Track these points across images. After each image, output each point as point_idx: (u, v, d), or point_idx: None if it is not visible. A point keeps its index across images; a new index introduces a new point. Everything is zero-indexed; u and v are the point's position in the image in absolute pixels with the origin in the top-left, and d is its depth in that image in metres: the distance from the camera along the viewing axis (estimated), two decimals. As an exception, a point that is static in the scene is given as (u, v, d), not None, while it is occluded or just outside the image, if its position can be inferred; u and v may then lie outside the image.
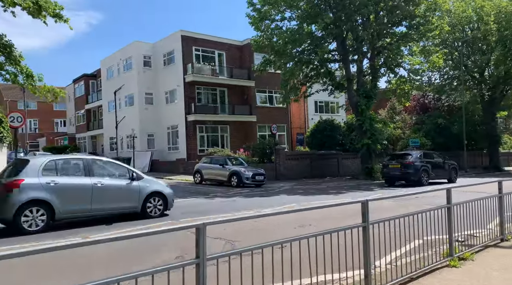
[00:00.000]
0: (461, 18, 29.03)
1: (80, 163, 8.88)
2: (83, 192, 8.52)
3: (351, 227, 4.19)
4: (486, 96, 31.60)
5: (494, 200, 6.68)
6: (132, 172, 9.51)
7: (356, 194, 14.79)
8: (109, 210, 9.03)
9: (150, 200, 9.51)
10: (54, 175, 8.29)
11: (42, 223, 7.88)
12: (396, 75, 24.68)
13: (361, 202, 4.33)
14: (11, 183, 7.83)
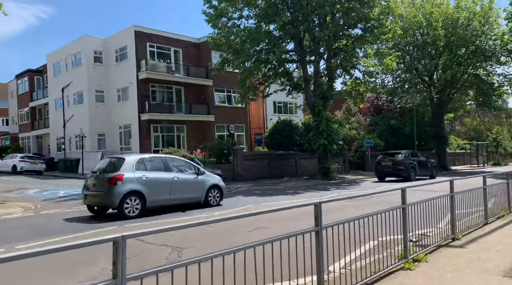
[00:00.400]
0: (412, 23, 30.21)
1: (161, 160, 10.78)
2: (165, 184, 10.29)
3: (303, 233, 3.83)
4: (435, 98, 33.15)
5: (446, 199, 6.67)
6: (197, 168, 11.39)
7: (313, 194, 14.69)
8: (183, 200, 10.81)
9: (210, 191, 11.37)
10: (144, 171, 10.02)
11: (137, 210, 9.63)
12: (351, 76, 25.16)
13: (314, 205, 3.99)
14: (115, 177, 9.45)
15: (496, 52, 29.76)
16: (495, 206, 8.91)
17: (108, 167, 10.21)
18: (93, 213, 10.21)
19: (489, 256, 5.55)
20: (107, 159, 11.01)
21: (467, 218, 7.48)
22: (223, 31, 21.31)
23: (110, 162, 10.47)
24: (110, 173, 9.74)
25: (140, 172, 9.90)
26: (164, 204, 10.42)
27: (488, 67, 31.51)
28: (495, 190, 8.93)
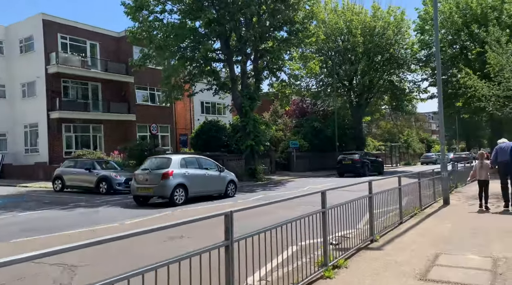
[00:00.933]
0: (334, 29, 31.55)
1: (195, 160, 13.54)
2: (200, 179, 12.82)
3: (209, 249, 3.23)
4: (354, 102, 35.06)
5: (365, 200, 6.59)
6: (219, 166, 14.19)
7: (238, 196, 14.24)
8: (211, 192, 13.43)
9: (228, 185, 14.00)
10: (185, 168, 12.41)
11: (182, 199, 11.96)
12: (277, 78, 25.39)
13: (225, 215, 3.42)
14: (167, 173, 11.71)
15: (407, 60, 32.39)
16: (408, 204, 9.23)
17: (158, 165, 12.46)
18: (138, 203, 12.48)
19: (405, 258, 5.50)
20: (154, 159, 13.39)
21: (385, 217, 7.58)
22: (144, 25, 19.97)
23: (159, 161, 12.88)
24: (162, 169, 12.00)
25: (184, 169, 12.38)
26: (199, 194, 12.87)
27: (401, 74, 34.23)
28: (408, 189, 9.26)
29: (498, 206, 9.97)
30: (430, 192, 11.27)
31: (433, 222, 8.38)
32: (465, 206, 10.54)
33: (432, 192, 11.37)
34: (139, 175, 12.33)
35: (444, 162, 11.11)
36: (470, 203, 10.89)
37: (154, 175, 11.94)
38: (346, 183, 7.24)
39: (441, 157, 11.32)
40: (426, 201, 10.63)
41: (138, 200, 12.55)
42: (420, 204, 9.90)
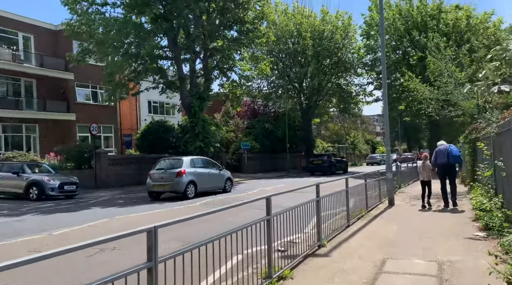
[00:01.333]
0: (284, 31, 31.75)
1: (200, 160, 15.84)
2: (206, 176, 15.02)
3: (126, 275, 2.66)
4: (304, 104, 35.53)
5: (312, 205, 6.32)
6: (219, 166, 16.47)
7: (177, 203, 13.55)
8: (214, 188, 15.51)
9: (226, 182, 16.14)
10: (194, 167, 14.61)
11: (193, 193, 14.13)
12: (228, 79, 24.95)
13: (147, 231, 2.87)
14: (181, 171, 13.94)
15: (354, 64, 33.44)
16: (355, 206, 9.19)
17: (171, 165, 14.51)
18: (152, 198, 14.39)
19: (352, 265, 5.27)
20: (167, 160, 15.39)
21: (333, 219, 7.40)
22: (83, 17, 18.55)
23: (171, 162, 14.97)
24: (176, 169, 14.07)
25: (193, 168, 14.53)
26: (204, 190, 14.91)
27: (348, 78, 35.27)
28: (355, 191, 9.20)
29: (438, 206, 10.30)
30: (376, 193, 11.40)
31: (380, 224, 8.36)
32: (409, 206, 10.76)
33: (378, 193, 11.52)
34: (155, 174, 14.33)
35: (389, 164, 11.30)
36: (413, 204, 11.16)
37: (169, 173, 14.04)
38: (302, 184, 7.01)
39: (386, 159, 11.50)
40: (372, 202, 10.71)
41: (152, 195, 14.52)
42: (367, 206, 9.92)
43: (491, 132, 7.07)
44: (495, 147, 7.43)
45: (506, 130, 5.79)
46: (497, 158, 7.05)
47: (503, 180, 6.57)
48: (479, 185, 9.84)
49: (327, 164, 28.02)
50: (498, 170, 7.09)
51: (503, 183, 6.69)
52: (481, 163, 9.04)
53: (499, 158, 6.66)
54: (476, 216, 7.83)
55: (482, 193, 8.25)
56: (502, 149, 6.40)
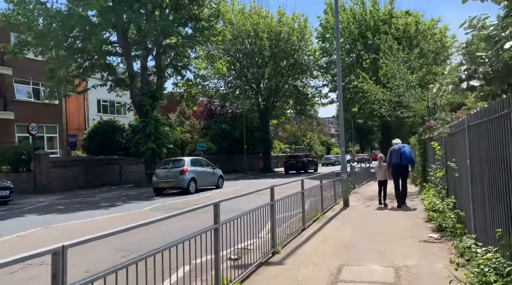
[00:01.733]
0: (241, 31, 31.37)
1: (197, 160, 18.29)
2: (203, 174, 17.47)
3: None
4: (261, 105, 35.35)
5: (266, 209, 5.92)
6: (212, 165, 18.69)
7: (132, 206, 12.68)
8: (209, 184, 18.03)
9: (219, 179, 18.70)
10: (193, 166, 16.91)
11: (194, 189, 16.34)
12: (183, 77, 24.11)
13: (52, 253, 2.26)
14: (184, 170, 16.17)
15: (310, 66, 33.78)
16: (311, 208, 8.94)
17: (174, 164, 16.73)
18: (157, 194, 16.44)
19: (308, 273, 4.91)
20: (169, 160, 17.72)
21: (288, 223, 7.08)
22: (20, 7, 16.96)
23: (174, 161, 17.25)
24: (179, 167, 16.27)
25: (193, 167, 16.67)
26: (202, 186, 17.14)
27: (304, 79, 35.57)
28: (311, 193, 8.95)
29: (392, 207, 10.35)
30: (331, 193, 11.28)
31: (335, 226, 8.14)
32: (363, 207, 10.71)
33: (333, 194, 11.40)
34: (160, 172, 16.56)
35: (344, 164, 11.21)
36: (367, 205, 11.14)
37: (173, 171, 16.21)
38: (259, 185, 6.59)
39: (341, 160, 11.41)
40: (328, 204, 10.56)
41: (157, 191, 16.61)
42: (322, 207, 9.72)
43: (443, 133, 7.07)
44: (447, 147, 7.46)
45: (459, 131, 5.72)
46: (449, 159, 7.05)
47: (455, 181, 6.55)
48: (431, 186, 9.98)
49: (300, 163, 31.22)
50: (450, 171, 7.10)
51: (455, 184, 6.68)
52: (433, 164, 9.13)
53: (452, 159, 6.64)
54: (429, 217, 7.83)
55: (434, 193, 8.30)
56: (455, 149, 6.37)
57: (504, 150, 3.47)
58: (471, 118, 4.95)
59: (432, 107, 13.29)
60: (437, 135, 7.34)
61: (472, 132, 4.92)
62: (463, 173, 5.72)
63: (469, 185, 5.15)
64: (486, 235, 4.42)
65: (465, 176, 5.50)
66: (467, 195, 5.36)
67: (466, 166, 5.36)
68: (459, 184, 6.16)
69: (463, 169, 5.69)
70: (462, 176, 5.82)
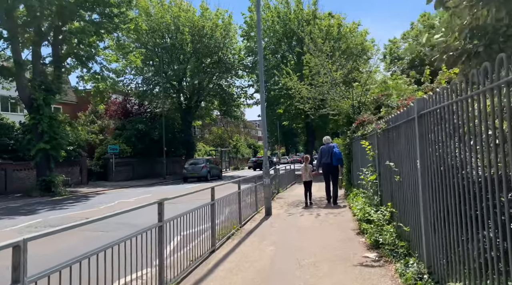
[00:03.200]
0: (160, 24, 28.86)
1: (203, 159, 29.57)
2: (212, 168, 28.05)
3: None
4: (183, 104, 33.03)
5: (152, 232, 4.12)
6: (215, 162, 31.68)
7: (4, 223, 9.84)
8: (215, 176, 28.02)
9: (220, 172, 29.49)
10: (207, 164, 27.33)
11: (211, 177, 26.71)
12: (89, 70, 20.99)
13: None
14: (205, 165, 26.68)
15: (235, 65, 32.38)
16: (226, 220, 7.32)
17: (198, 162, 27.28)
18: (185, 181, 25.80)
19: None
20: (193, 160, 28.60)
21: (193, 244, 5.36)
22: None
23: (196, 160, 28.13)
24: (201, 164, 26.77)
25: (208, 164, 27.18)
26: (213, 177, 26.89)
27: (229, 79, 34.08)
28: (226, 201, 7.32)
29: (318, 214, 9.18)
30: (252, 200, 9.81)
31: (254, 244, 6.58)
32: (287, 216, 9.38)
33: (254, 201, 9.94)
34: (188, 167, 26.52)
35: (266, 168, 9.78)
36: (291, 212, 9.84)
37: (198, 166, 26.32)
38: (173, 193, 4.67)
39: (264, 162, 9.96)
40: (248, 213, 9.04)
41: (185, 180, 26.04)
42: (240, 219, 8.15)
43: (378, 128, 5.92)
44: (380, 146, 6.35)
45: (403, 123, 4.50)
46: (385, 159, 5.91)
47: (394, 185, 5.39)
48: (360, 191, 8.99)
49: (203, 170, 26.46)
50: (386, 174, 5.95)
51: (392, 190, 5.53)
52: (362, 165, 8.08)
53: (388, 159, 5.48)
54: (361, 228, 6.66)
55: (365, 200, 7.18)
56: (394, 147, 5.20)
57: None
58: (424, 103, 3.70)
59: (357, 105, 12.60)
60: (371, 132, 6.20)
61: (425, 123, 3.67)
62: (407, 177, 4.50)
63: (419, 194, 3.89)
64: (451, 267, 3.13)
65: (412, 181, 4.26)
66: (416, 206, 4.11)
67: (413, 168, 4.12)
68: (400, 190, 4.97)
69: (408, 172, 4.47)
70: (406, 180, 4.60)
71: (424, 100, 3.71)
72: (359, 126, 7.16)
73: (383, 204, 6.20)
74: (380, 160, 6.43)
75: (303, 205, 11.04)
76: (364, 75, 14.35)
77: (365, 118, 7.59)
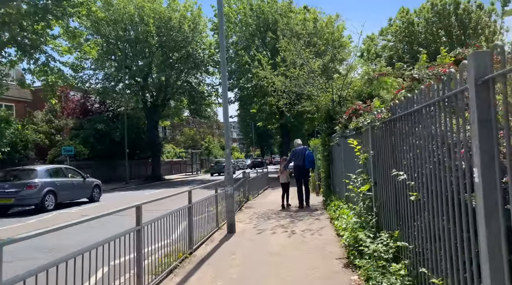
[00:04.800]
0: (123, 15, 26.42)
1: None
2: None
3: None
4: (149, 103, 30.62)
5: None
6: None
7: None
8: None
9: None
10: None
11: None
12: (36, 61, 18.43)
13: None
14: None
15: (205, 61, 30.28)
16: (171, 245, 5.40)
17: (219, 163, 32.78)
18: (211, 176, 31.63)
19: None
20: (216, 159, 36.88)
21: None
22: None
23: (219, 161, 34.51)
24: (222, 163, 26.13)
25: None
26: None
27: (199, 76, 31.88)
28: (169, 222, 5.38)
29: (292, 231, 7.35)
30: (213, 212, 7.92)
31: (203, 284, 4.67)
32: (255, 234, 7.50)
33: (215, 214, 8.04)
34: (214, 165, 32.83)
35: (229, 172, 7.85)
36: (260, 229, 7.96)
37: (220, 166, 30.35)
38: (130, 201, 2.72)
39: (226, 166, 8.01)
40: (204, 233, 7.12)
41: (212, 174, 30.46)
42: (191, 243, 6.20)
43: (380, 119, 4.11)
44: (377, 145, 4.58)
45: (432, 104, 2.72)
46: (383, 165, 4.14)
47: (404, 205, 3.61)
48: (341, 202, 7.26)
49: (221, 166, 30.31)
50: (386, 186, 4.18)
51: (400, 210, 3.75)
52: (350, 171, 6.30)
53: (394, 164, 3.70)
54: (349, 257, 4.87)
55: (356, 220, 5.35)
56: (408, 147, 3.41)
57: None
58: (490, 58, 1.92)
59: (338, 100, 10.93)
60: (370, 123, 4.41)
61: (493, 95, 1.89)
62: (437, 196, 2.71)
63: (482, 228, 2.08)
64: None
65: (451, 205, 2.47)
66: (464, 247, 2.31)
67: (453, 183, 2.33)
68: (419, 214, 3.19)
69: (439, 188, 2.68)
70: (433, 201, 2.81)
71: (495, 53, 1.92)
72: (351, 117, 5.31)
73: (383, 228, 4.43)
74: (376, 164, 4.66)
75: (276, 216, 9.29)
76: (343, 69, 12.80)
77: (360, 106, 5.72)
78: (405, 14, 25.15)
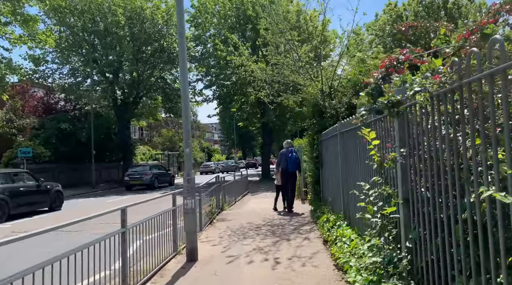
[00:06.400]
0: (90, 3, 24.06)
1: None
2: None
3: None
4: (119, 100, 28.27)
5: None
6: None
7: None
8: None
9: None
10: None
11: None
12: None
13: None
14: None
15: (181, 56, 28.15)
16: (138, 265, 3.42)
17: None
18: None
19: None
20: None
21: None
22: None
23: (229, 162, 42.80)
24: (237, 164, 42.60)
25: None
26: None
27: (174, 72, 29.71)
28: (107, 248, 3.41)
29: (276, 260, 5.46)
30: (168, 230, 5.99)
31: None
32: (224, 263, 5.54)
33: (172, 233, 6.10)
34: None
35: (189, 180, 5.87)
36: (231, 254, 5.99)
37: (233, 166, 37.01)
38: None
39: (185, 171, 6.03)
40: (153, 262, 5.16)
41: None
42: (125, 281, 4.23)
43: (435, 83, 2.24)
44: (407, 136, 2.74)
45: None
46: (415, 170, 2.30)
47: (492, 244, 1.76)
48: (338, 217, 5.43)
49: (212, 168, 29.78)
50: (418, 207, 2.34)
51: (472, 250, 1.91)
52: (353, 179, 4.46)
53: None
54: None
55: (376, 260, 3.46)
56: None
57: None
58: None
59: (328, 91, 9.14)
60: (421, 92, 2.54)
61: None
62: None
63: None
64: None
65: None
66: None
67: None
68: None
69: None
70: None
71: None
72: (390, 73, 3.29)
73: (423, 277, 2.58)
74: (409, 169, 2.81)
75: (254, 233, 7.44)
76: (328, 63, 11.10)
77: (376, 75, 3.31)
78: (393, 7, 23.78)
